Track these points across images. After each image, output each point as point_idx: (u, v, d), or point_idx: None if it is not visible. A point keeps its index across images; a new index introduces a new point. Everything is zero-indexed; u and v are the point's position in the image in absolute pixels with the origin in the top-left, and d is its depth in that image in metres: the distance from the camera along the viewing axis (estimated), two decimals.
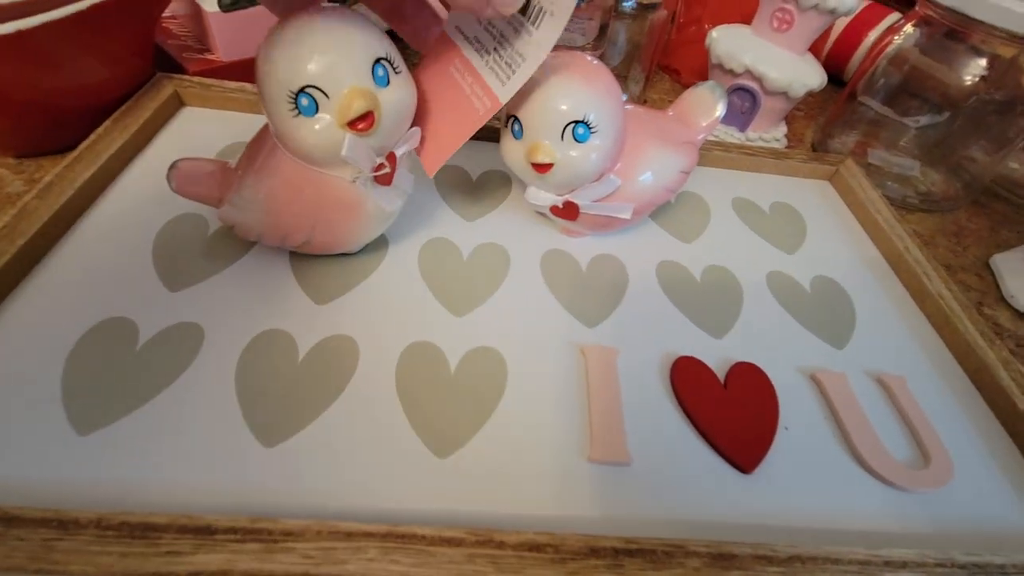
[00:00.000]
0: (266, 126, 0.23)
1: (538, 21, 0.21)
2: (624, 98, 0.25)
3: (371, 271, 0.26)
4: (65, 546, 0.15)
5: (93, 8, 0.26)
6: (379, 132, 0.21)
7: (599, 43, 0.46)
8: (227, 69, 0.35)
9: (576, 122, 0.23)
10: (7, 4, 0.25)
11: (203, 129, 0.31)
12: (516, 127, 0.24)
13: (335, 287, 0.25)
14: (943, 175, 0.42)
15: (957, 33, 0.35)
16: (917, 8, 0.37)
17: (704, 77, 0.47)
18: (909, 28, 0.38)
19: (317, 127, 0.20)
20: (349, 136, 0.20)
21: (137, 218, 0.26)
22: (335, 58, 0.19)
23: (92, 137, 0.27)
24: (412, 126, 0.23)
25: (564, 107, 0.23)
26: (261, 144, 0.23)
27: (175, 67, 0.35)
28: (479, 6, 0.18)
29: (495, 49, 0.22)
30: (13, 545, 0.15)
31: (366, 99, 0.19)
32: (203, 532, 0.16)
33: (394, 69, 0.21)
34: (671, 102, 0.29)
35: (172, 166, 0.23)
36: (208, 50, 0.36)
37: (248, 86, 0.33)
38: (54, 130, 0.29)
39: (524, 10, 0.21)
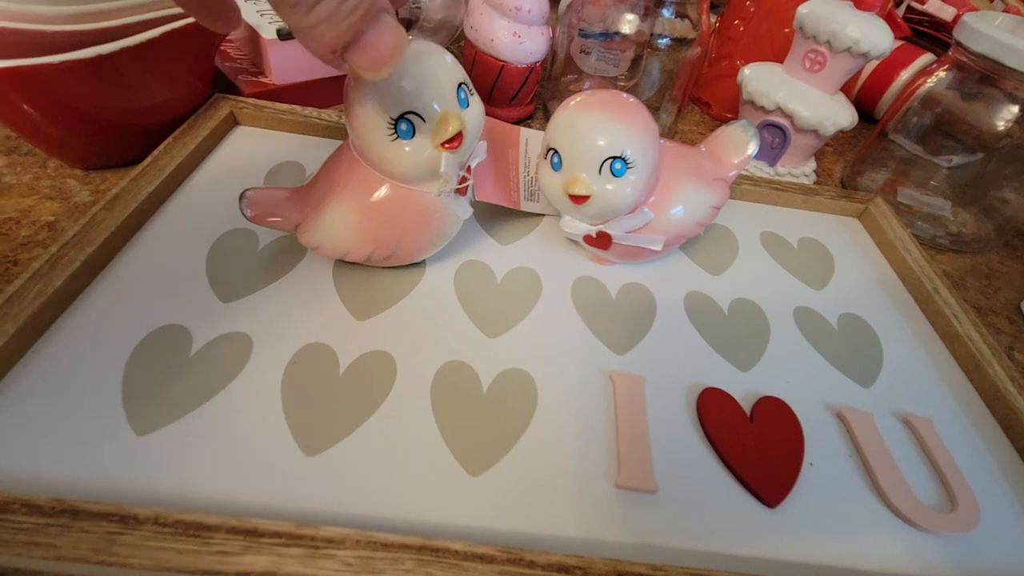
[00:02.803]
0: (338, 152, 0.25)
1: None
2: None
3: (409, 290, 0.27)
4: (126, 540, 0.16)
5: (164, 36, 0.28)
6: (463, 148, 0.23)
7: (632, 74, 0.48)
8: (279, 92, 0.37)
9: (614, 157, 0.24)
10: (89, 31, 0.27)
11: (255, 147, 0.33)
12: (555, 159, 0.25)
13: (375, 304, 0.26)
14: (974, 216, 0.41)
15: (990, 79, 0.36)
16: (950, 52, 0.37)
17: (735, 110, 0.48)
18: (942, 72, 0.38)
19: (415, 149, 0.22)
20: (445, 154, 0.22)
21: (192, 231, 0.27)
22: (429, 85, 0.21)
23: (155, 153, 0.29)
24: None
25: (603, 143, 0.24)
26: (338, 169, 0.24)
27: (231, 88, 0.37)
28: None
29: (531, 176, 0.29)
30: (78, 537, 0.16)
31: (458, 121, 0.22)
32: (251, 534, 0.17)
33: (470, 91, 0.23)
34: (701, 134, 0.30)
35: (243, 196, 0.24)
36: (262, 73, 0.38)
37: (298, 108, 0.35)
38: (120, 145, 0.31)
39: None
